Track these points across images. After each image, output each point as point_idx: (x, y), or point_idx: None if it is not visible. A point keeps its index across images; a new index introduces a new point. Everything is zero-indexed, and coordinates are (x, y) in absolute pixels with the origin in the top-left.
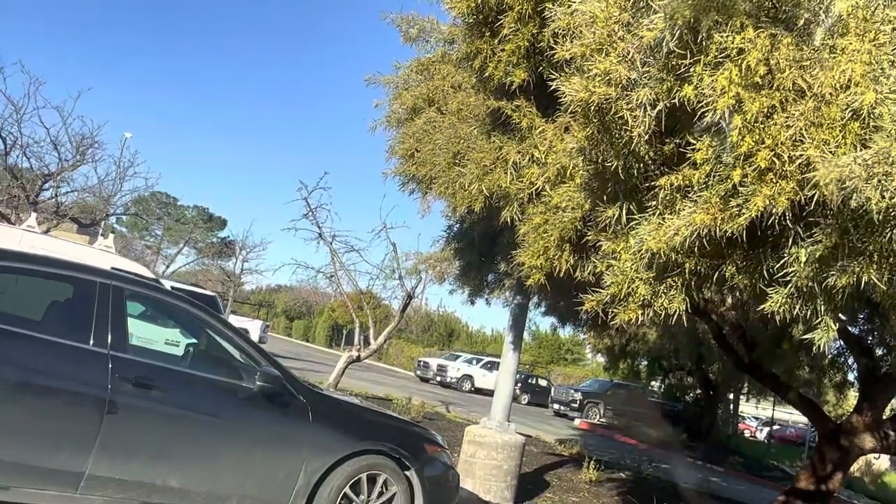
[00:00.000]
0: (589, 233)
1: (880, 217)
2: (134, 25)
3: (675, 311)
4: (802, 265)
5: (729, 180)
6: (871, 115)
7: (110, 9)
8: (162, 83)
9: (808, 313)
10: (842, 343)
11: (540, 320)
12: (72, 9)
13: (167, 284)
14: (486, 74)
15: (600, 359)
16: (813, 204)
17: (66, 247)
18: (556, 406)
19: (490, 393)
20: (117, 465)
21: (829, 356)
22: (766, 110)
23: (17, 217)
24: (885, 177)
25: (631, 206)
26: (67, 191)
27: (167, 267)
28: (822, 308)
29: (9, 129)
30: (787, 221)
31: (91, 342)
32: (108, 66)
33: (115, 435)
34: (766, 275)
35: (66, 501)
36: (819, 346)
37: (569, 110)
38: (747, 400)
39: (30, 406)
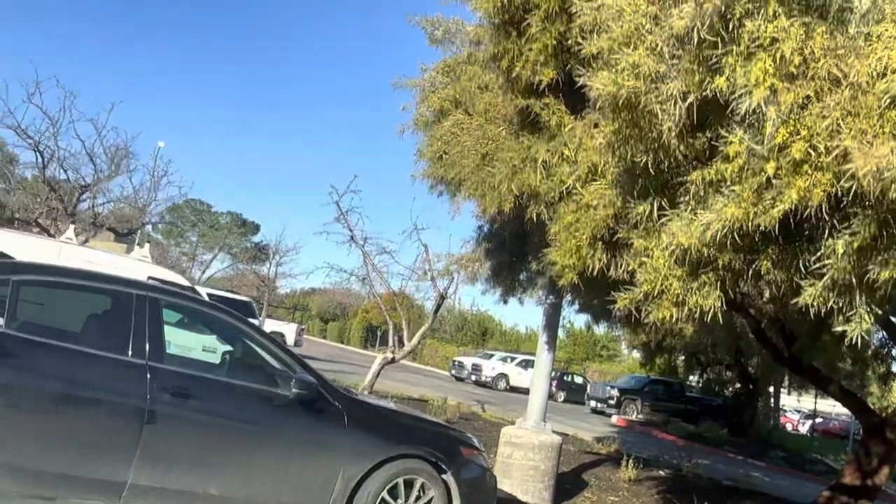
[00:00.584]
0: (621, 230)
1: None
2: (160, 35)
3: (711, 307)
4: (839, 257)
5: (763, 173)
6: None
7: (139, 20)
8: (191, 91)
9: (845, 306)
10: (884, 334)
11: (574, 317)
12: (102, 23)
13: (203, 292)
14: (514, 74)
15: (636, 355)
16: (850, 195)
17: (103, 257)
18: (592, 403)
19: (525, 391)
20: (158, 473)
21: (873, 347)
22: (801, 101)
23: (56, 228)
24: None
25: (662, 202)
26: (104, 201)
27: (203, 273)
28: (859, 300)
29: (46, 143)
30: (824, 213)
31: (129, 353)
32: (139, 76)
33: (155, 444)
34: (801, 268)
35: None
36: (853, 339)
37: (597, 106)
38: (788, 393)
39: (72, 418)
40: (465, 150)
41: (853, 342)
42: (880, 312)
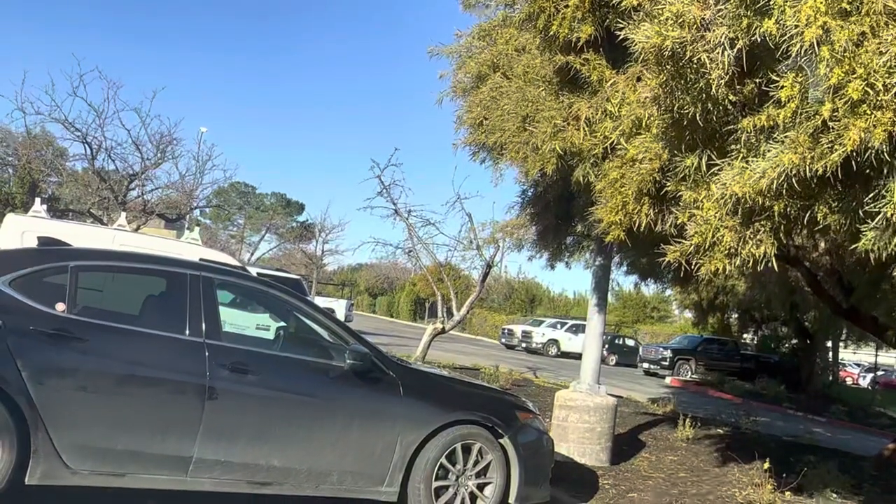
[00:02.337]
0: (668, 183)
1: None
2: (197, 20)
3: (764, 257)
4: None
5: (818, 116)
6: None
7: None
8: (229, 76)
9: None
10: None
11: (622, 280)
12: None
13: (253, 271)
14: (551, 33)
15: (688, 314)
16: None
17: (156, 242)
18: (645, 365)
19: (576, 356)
20: (222, 447)
21: None
22: (855, 38)
23: (108, 217)
24: None
25: (711, 153)
26: (152, 188)
27: (252, 254)
28: None
29: (93, 135)
30: (885, 154)
31: (187, 332)
32: (179, 62)
33: (217, 419)
34: (860, 213)
35: (178, 485)
36: None
37: (640, 59)
38: (845, 346)
39: (136, 397)
40: (506, 113)
41: None
42: None
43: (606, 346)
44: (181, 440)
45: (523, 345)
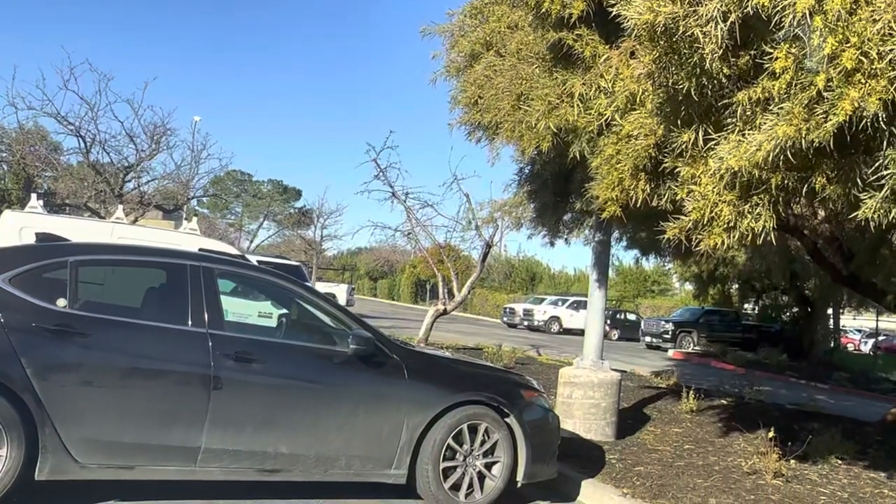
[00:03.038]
0: (665, 159)
1: None
2: (187, 10)
3: (763, 230)
4: None
5: (812, 87)
6: None
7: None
8: (220, 62)
9: None
10: None
11: (622, 255)
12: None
13: (253, 259)
14: (543, 10)
15: (688, 287)
16: None
17: (155, 234)
18: (647, 339)
19: (579, 333)
20: (229, 436)
21: None
22: (848, 7)
23: (105, 210)
24: None
25: (707, 127)
26: (148, 180)
27: (251, 242)
28: None
29: (86, 128)
30: (881, 123)
31: (189, 323)
32: (170, 53)
33: (223, 408)
34: (859, 181)
35: (188, 475)
36: None
37: (633, 35)
38: (846, 313)
39: (141, 389)
40: (500, 92)
41: None
42: None
43: (608, 321)
44: (188, 431)
45: (525, 323)
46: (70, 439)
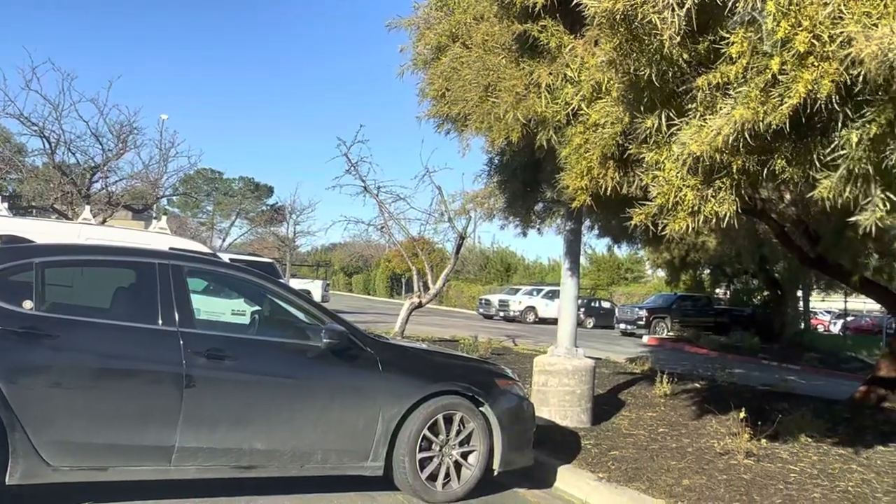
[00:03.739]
0: (631, 146)
1: None
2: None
3: (726, 213)
4: (854, 147)
5: (768, 70)
6: None
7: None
8: (186, 60)
9: (860, 195)
10: None
11: (595, 243)
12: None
13: (225, 257)
14: (507, 0)
15: (661, 273)
16: (860, 83)
17: (123, 234)
18: (622, 326)
19: (554, 322)
20: (204, 434)
21: None
22: None
23: (72, 212)
24: None
25: (670, 113)
26: (116, 180)
27: (223, 241)
28: (874, 188)
29: (51, 128)
30: (834, 104)
31: (160, 322)
32: (135, 51)
33: (196, 406)
34: (816, 162)
35: (163, 474)
36: (867, 228)
37: (594, 23)
38: (815, 295)
39: (112, 389)
40: (467, 84)
41: (868, 231)
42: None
43: (583, 309)
44: (162, 430)
45: (501, 314)
46: (41, 442)
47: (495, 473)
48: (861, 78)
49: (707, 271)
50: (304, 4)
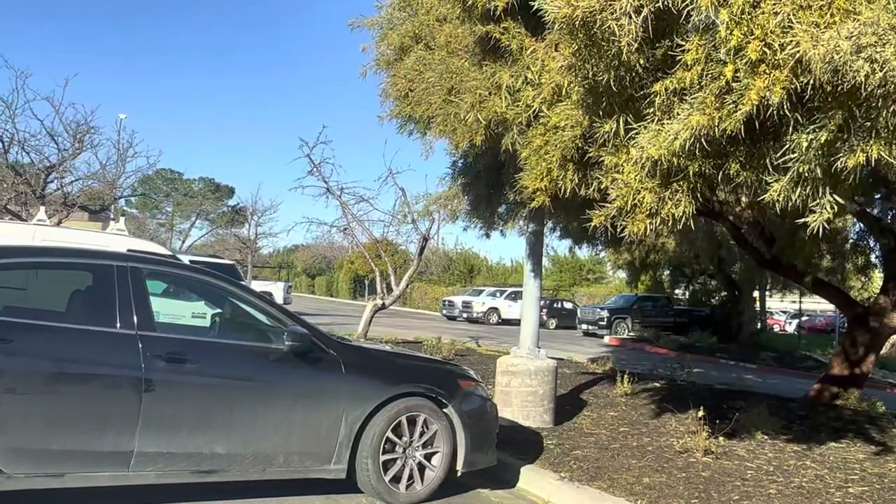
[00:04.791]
0: (590, 149)
1: (879, 92)
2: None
3: (683, 215)
4: (804, 151)
5: (722, 77)
6: None
7: None
8: (146, 60)
9: (809, 198)
10: (861, 226)
11: (557, 244)
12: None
13: (185, 259)
14: (470, 2)
15: (622, 274)
16: (809, 90)
17: (80, 236)
18: (584, 326)
19: (517, 323)
20: (163, 439)
21: (851, 241)
22: (752, 0)
23: (26, 213)
24: (874, 48)
25: (628, 118)
26: (72, 180)
27: (183, 242)
28: (823, 191)
29: (3, 127)
30: (786, 111)
31: (118, 325)
32: (92, 50)
33: (156, 411)
34: (769, 166)
35: (121, 480)
36: (815, 230)
37: (555, 28)
38: (771, 295)
39: (69, 394)
40: (430, 86)
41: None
42: (843, 202)
43: (545, 310)
44: (120, 435)
45: (464, 315)
46: None
47: (459, 474)
48: (810, 85)
49: (667, 272)
50: (268, 5)
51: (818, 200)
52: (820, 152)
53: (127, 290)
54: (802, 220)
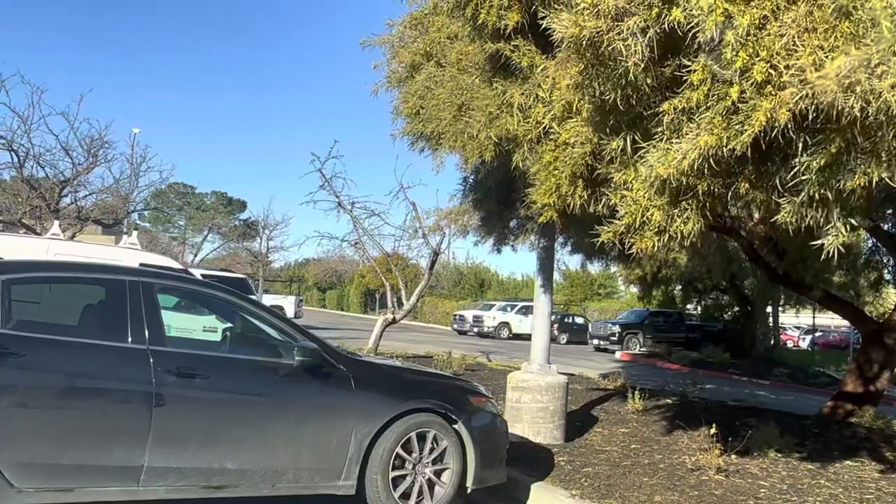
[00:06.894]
0: (600, 166)
1: (877, 119)
2: (126, 23)
3: (691, 233)
4: (813, 173)
5: (728, 98)
6: (862, 8)
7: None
8: (160, 75)
9: (821, 220)
10: (874, 241)
11: (568, 259)
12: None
13: (197, 273)
14: (480, 21)
15: (633, 289)
16: (813, 112)
17: (93, 250)
18: (595, 341)
19: (528, 337)
20: (173, 454)
21: (864, 256)
22: (757, 22)
23: (41, 227)
24: (869, 81)
25: (636, 136)
26: (86, 194)
27: (195, 256)
28: (834, 213)
29: (19, 142)
30: (791, 133)
31: (129, 340)
32: (106, 65)
33: (166, 426)
34: (778, 186)
35: (131, 495)
36: (830, 252)
37: (563, 47)
38: (784, 311)
39: (80, 410)
40: (441, 102)
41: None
42: (855, 223)
43: (556, 325)
44: (130, 449)
45: (475, 329)
46: (5, 464)
47: (469, 491)
48: (811, 109)
49: (679, 287)
50: (284, 23)
51: (831, 223)
52: (825, 174)
53: (138, 304)
54: (817, 242)
